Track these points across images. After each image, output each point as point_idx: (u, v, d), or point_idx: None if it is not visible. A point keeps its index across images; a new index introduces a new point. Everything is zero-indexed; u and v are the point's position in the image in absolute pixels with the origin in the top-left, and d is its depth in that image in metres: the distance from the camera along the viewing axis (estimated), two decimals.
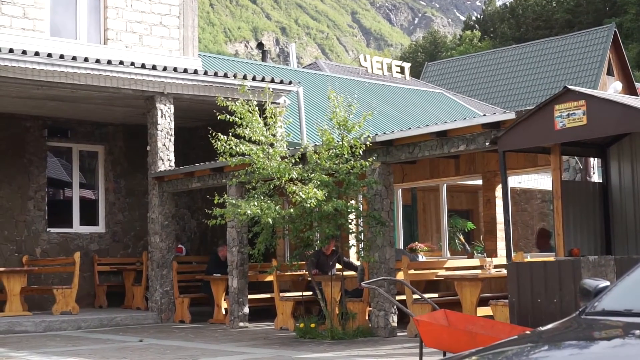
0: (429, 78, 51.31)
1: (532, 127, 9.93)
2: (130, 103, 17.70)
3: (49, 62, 15.68)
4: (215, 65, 24.80)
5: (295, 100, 19.75)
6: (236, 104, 13.45)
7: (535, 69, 46.61)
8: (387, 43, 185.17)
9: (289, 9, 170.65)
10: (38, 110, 18.28)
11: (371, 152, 13.10)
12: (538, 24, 67.21)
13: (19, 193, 18.50)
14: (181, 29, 20.08)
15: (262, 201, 12.94)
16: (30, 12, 18.04)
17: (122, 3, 19.24)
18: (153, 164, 17.09)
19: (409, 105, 28.37)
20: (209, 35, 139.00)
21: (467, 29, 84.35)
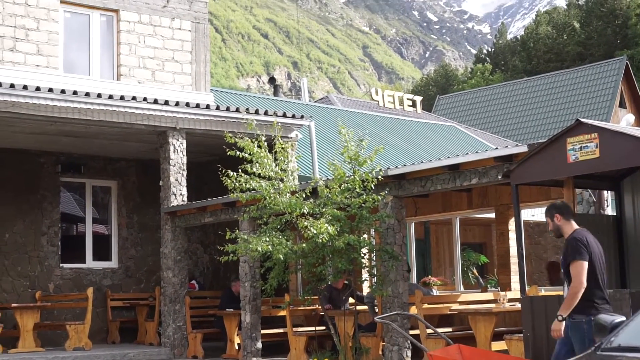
0: (440, 111, 51.37)
1: (545, 160, 9.90)
2: (142, 138, 17.77)
3: (62, 99, 15.78)
4: (228, 100, 24.92)
5: (307, 134, 19.79)
6: (244, 141, 13.48)
7: (547, 102, 46.59)
8: (399, 76, 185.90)
9: (300, 43, 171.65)
10: (51, 146, 18.37)
11: (383, 185, 13.08)
12: (549, 56, 67.30)
13: (33, 229, 18.54)
14: (193, 64, 20.21)
15: (273, 237, 12.92)
16: (44, 49, 18.20)
17: (135, 39, 19.40)
18: (166, 198, 17.12)
19: (420, 138, 28.39)
20: (221, 70, 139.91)
21: (479, 62, 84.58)
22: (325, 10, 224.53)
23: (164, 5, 19.94)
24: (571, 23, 69.38)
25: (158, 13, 19.84)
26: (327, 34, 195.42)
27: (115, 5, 19.28)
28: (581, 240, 8.04)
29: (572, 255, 7.97)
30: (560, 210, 8.30)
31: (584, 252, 7.95)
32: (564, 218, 8.28)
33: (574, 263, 7.92)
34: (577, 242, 8.00)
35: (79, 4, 18.93)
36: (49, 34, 18.33)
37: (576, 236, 8.10)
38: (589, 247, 8.02)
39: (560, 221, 8.28)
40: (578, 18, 69.46)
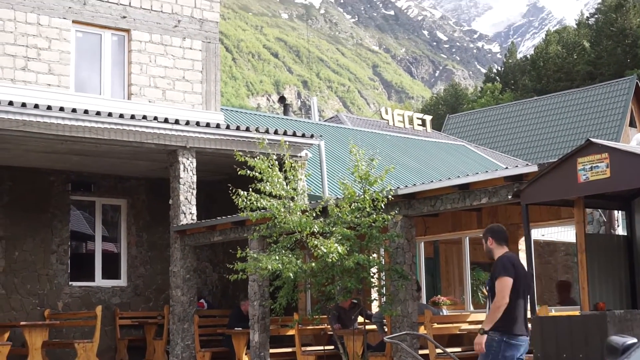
0: (450, 130, 51.37)
1: (555, 180, 9.88)
2: (153, 157, 17.81)
3: (73, 117, 15.84)
4: (238, 119, 25.00)
5: (317, 153, 19.81)
6: (255, 159, 13.50)
7: (556, 121, 46.55)
8: (408, 96, 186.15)
9: (310, 62, 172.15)
10: (62, 165, 18.43)
11: (393, 205, 13.06)
12: (559, 76, 67.31)
13: (42, 247, 18.57)
14: (204, 83, 20.29)
15: (283, 255, 12.91)
16: (55, 68, 18.30)
17: (146, 59, 19.49)
18: (175, 217, 17.14)
19: (430, 157, 28.38)
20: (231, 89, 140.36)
21: (488, 81, 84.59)
22: (335, 29, 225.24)
23: (175, 25, 20.04)
24: (581, 42, 69.42)
25: (169, 33, 19.94)
26: (337, 53, 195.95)
27: (126, 25, 19.39)
28: (508, 259, 8.45)
29: (499, 272, 8.34)
30: (494, 235, 8.71)
31: (511, 270, 8.28)
32: (495, 242, 8.65)
33: (499, 279, 8.26)
34: (505, 261, 8.40)
35: (91, 23, 19.05)
36: (60, 53, 18.44)
37: (504, 256, 8.53)
38: (515, 266, 8.37)
39: (492, 244, 8.68)
40: (588, 37, 69.50)
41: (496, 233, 8.70)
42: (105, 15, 19.18)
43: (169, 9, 20.05)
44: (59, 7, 18.56)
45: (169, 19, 20.02)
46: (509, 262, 8.40)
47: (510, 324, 8.32)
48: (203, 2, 20.61)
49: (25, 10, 18.12)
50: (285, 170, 13.82)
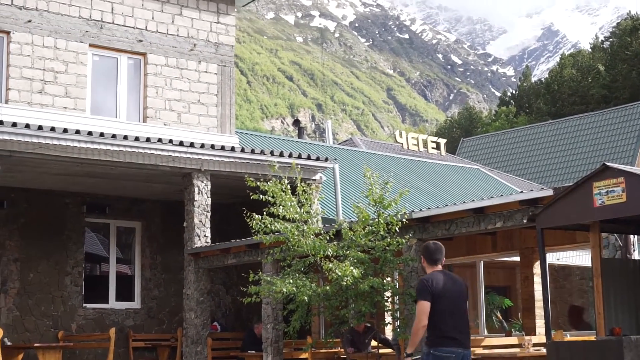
0: (464, 154, 51.32)
1: (571, 205, 9.86)
2: (167, 180, 17.87)
3: (89, 140, 15.93)
4: (252, 142, 25.06)
5: (331, 177, 19.82)
6: (268, 184, 13.54)
7: (571, 145, 46.43)
8: (423, 119, 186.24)
9: (325, 85, 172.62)
10: (77, 187, 18.51)
11: (407, 228, 13.05)
12: (574, 99, 67.16)
13: (57, 269, 18.62)
14: (219, 106, 20.37)
15: (297, 279, 12.91)
16: (72, 91, 18.43)
17: (162, 82, 19.60)
18: (189, 240, 17.16)
19: (445, 181, 28.35)
20: (245, 111, 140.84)
21: (503, 104, 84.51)
22: (349, 53, 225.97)
23: (190, 48, 20.16)
24: (596, 66, 69.30)
25: (185, 56, 20.06)
26: (351, 76, 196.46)
27: (143, 48, 19.53)
28: (426, 281, 8.47)
29: (416, 296, 8.47)
30: (425, 254, 8.75)
31: (426, 293, 8.33)
32: (427, 262, 8.70)
33: (417, 303, 8.41)
34: (422, 284, 8.47)
35: (108, 47, 19.19)
36: (77, 76, 18.57)
37: (423, 278, 8.59)
38: (434, 287, 8.37)
39: (424, 264, 8.76)
40: (603, 61, 69.39)
41: (428, 253, 8.70)
42: (122, 39, 19.32)
43: (184, 32, 20.18)
44: (76, 30, 18.72)
45: (185, 42, 20.14)
46: (425, 283, 8.42)
47: (438, 340, 8.40)
48: (219, 26, 20.74)
49: (42, 34, 18.29)
50: (298, 194, 13.84)
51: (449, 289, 8.47)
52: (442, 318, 8.37)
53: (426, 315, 8.29)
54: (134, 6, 19.58)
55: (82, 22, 18.82)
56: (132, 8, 19.53)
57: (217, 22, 20.75)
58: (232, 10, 21.11)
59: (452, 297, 8.47)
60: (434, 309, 8.32)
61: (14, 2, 18.04)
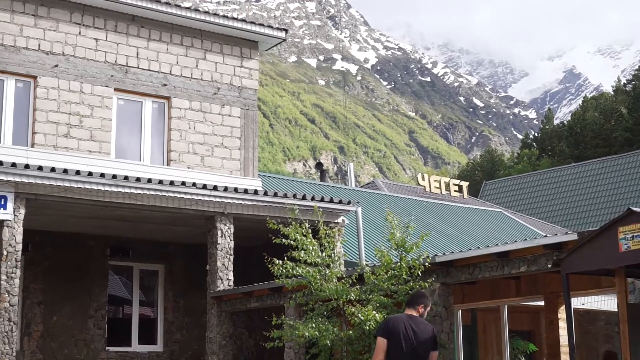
0: (487, 196, 51.17)
1: (596, 250, 9.80)
2: (191, 223, 17.93)
3: (113, 184, 16.05)
4: (275, 185, 25.14)
5: (354, 220, 19.82)
6: (289, 228, 13.54)
7: (595, 188, 46.20)
8: (445, 161, 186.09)
9: (347, 128, 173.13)
10: (101, 230, 18.61)
11: (430, 272, 13.00)
12: (597, 142, 66.95)
13: (80, 312, 18.66)
14: (242, 149, 20.49)
15: (320, 323, 12.86)
16: (97, 135, 18.61)
17: (186, 126, 19.77)
18: (212, 283, 17.17)
19: (468, 224, 28.26)
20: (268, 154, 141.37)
21: (525, 147, 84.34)
22: (371, 96, 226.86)
23: (214, 92, 20.35)
24: (618, 109, 69.16)
25: (208, 100, 20.24)
26: (373, 119, 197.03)
27: (167, 92, 19.72)
28: (386, 320, 9.35)
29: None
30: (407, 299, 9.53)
31: (382, 330, 9.11)
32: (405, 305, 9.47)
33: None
34: (382, 322, 9.46)
35: (133, 91, 19.41)
36: (102, 120, 18.77)
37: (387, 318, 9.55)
38: (390, 327, 9.06)
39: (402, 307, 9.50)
40: (625, 104, 69.24)
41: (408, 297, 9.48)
42: (147, 83, 19.53)
43: (208, 76, 20.38)
44: (102, 75, 18.95)
45: (209, 86, 20.34)
46: (384, 323, 9.25)
47: None
48: (242, 70, 20.94)
49: (68, 79, 18.53)
50: (320, 237, 13.84)
51: (408, 332, 9.03)
52: (395, 356, 8.93)
53: (382, 351, 8.94)
54: (159, 51, 19.82)
55: (107, 67, 19.06)
56: (156, 53, 19.77)
57: (241, 66, 20.95)
58: (255, 54, 21.32)
59: (408, 339, 8.99)
60: (389, 347, 8.95)
61: (41, 47, 18.32)
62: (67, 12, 18.77)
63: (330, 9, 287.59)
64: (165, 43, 19.95)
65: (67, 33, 18.71)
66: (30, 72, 18.18)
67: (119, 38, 19.34)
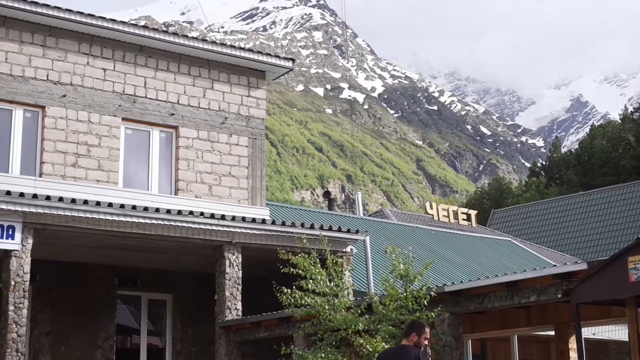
0: (495, 225, 51.04)
1: (606, 279, 9.74)
2: (199, 252, 17.89)
3: (121, 213, 16.05)
4: (283, 214, 25.10)
5: (362, 248, 19.76)
6: (297, 257, 13.51)
7: (604, 216, 46.05)
8: (453, 190, 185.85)
9: (354, 157, 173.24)
10: (109, 260, 18.57)
11: (439, 302, 12.94)
12: (605, 170, 66.79)
13: (88, 341, 18.58)
14: (249, 178, 20.48)
15: (329, 353, 12.79)
16: (104, 164, 18.63)
17: (193, 155, 19.78)
18: (220, 313, 17.10)
19: (476, 253, 28.16)
20: (275, 183, 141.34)
21: (533, 175, 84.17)
22: (379, 124, 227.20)
23: (222, 121, 20.38)
24: (626, 137, 69.07)
25: (216, 129, 20.27)
26: (380, 147, 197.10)
27: (174, 122, 19.77)
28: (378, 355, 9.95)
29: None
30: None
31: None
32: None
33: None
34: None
35: (140, 121, 19.45)
36: (109, 150, 18.80)
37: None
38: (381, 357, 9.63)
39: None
40: (633, 132, 69.16)
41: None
42: (154, 113, 19.58)
43: (216, 106, 20.43)
44: (110, 105, 19.01)
45: (216, 116, 20.37)
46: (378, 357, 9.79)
47: None
48: (249, 99, 20.99)
49: (76, 108, 18.58)
50: (327, 267, 13.79)
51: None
52: None
53: None
54: (166, 80, 19.89)
55: (115, 97, 19.12)
56: (164, 82, 19.84)
57: (248, 95, 21.00)
58: (262, 84, 21.37)
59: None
60: None
61: (49, 77, 18.40)
62: (75, 42, 18.86)
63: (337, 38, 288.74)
64: (172, 73, 20.02)
65: (76, 63, 18.79)
66: (39, 102, 18.25)
67: (127, 68, 19.41)
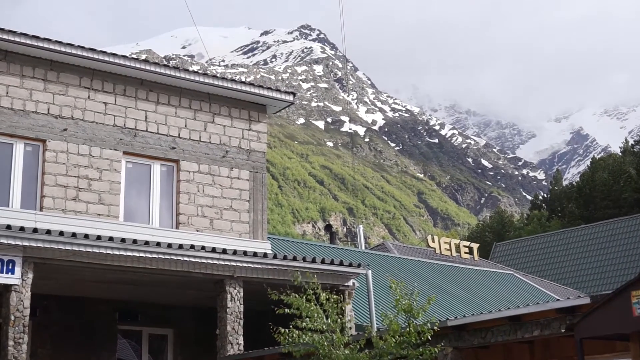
0: (497, 258, 50.92)
1: (610, 314, 9.66)
2: (200, 286, 17.79)
3: (122, 247, 15.98)
4: (285, 248, 25.02)
5: (364, 282, 19.65)
6: (291, 297, 13.36)
7: (606, 249, 45.96)
8: (454, 222, 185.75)
9: (355, 190, 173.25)
10: (110, 294, 18.47)
11: (442, 336, 12.84)
12: (606, 203, 66.76)
13: None
14: (251, 212, 20.43)
15: None
16: (105, 198, 18.59)
17: (194, 188, 19.75)
18: (222, 347, 16.97)
19: (479, 287, 28.04)
20: (277, 216, 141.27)
21: (535, 208, 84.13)
22: (380, 157, 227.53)
23: (223, 155, 20.37)
24: (627, 170, 69.11)
25: (217, 163, 20.26)
26: (382, 180, 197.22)
27: (175, 155, 19.76)
28: None
29: None
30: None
31: None
32: None
33: None
34: None
35: (141, 154, 19.44)
36: (110, 183, 18.77)
37: None
38: None
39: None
40: (634, 165, 69.21)
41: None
42: (155, 147, 19.58)
43: (217, 140, 20.43)
44: (111, 138, 19.01)
45: (217, 149, 20.37)
46: None
47: None
48: (250, 133, 21.00)
49: (77, 142, 18.58)
50: (321, 303, 13.66)
51: None
52: None
53: None
54: (167, 114, 19.91)
55: (116, 130, 19.13)
56: (165, 116, 19.86)
57: (249, 129, 21.01)
58: (263, 117, 21.39)
59: None
60: None
61: (50, 111, 18.42)
62: (76, 76, 18.91)
63: (337, 71, 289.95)
64: (173, 106, 20.05)
65: (77, 97, 18.82)
66: (40, 135, 18.25)
67: (128, 102, 19.45)
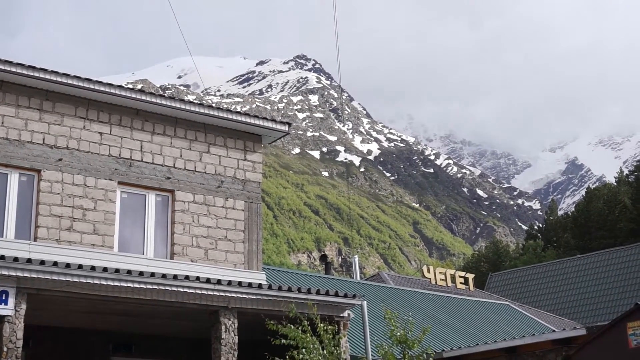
0: (493, 288, 50.83)
1: (605, 346, 9.62)
2: (194, 317, 17.69)
3: (116, 278, 15.90)
4: (280, 278, 24.94)
5: (359, 313, 19.58)
6: (287, 328, 13.34)
7: (602, 279, 45.93)
8: (450, 252, 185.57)
9: (351, 220, 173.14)
10: (104, 325, 18.35)
11: None
12: (602, 233, 66.84)
13: None
14: (246, 242, 20.38)
15: None
16: (100, 228, 18.53)
17: (189, 219, 19.71)
18: None
19: (475, 317, 27.95)
20: (272, 246, 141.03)
21: (530, 238, 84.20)
22: (375, 187, 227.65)
23: (218, 185, 20.36)
24: (622, 200, 69.25)
25: (212, 193, 20.24)
26: (377, 210, 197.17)
27: (171, 185, 19.73)
28: None
29: None
30: None
31: None
32: None
33: None
34: None
35: (136, 184, 19.41)
36: (105, 213, 18.72)
37: None
38: None
39: None
40: (629, 195, 69.37)
41: None
42: (150, 177, 19.56)
43: (212, 170, 20.43)
44: (106, 168, 18.99)
45: (212, 179, 20.36)
46: None
47: None
48: (246, 163, 20.99)
49: (72, 172, 18.56)
50: (319, 334, 13.62)
51: None
52: None
53: None
54: (163, 144, 19.90)
55: (111, 160, 19.12)
56: (160, 146, 19.85)
57: (244, 159, 21.01)
58: (258, 147, 21.40)
59: None
60: None
61: (45, 141, 18.41)
62: (71, 106, 18.93)
63: (332, 101, 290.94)
64: (169, 137, 20.06)
65: (72, 127, 18.82)
66: (34, 165, 18.22)
67: (123, 132, 19.45)
